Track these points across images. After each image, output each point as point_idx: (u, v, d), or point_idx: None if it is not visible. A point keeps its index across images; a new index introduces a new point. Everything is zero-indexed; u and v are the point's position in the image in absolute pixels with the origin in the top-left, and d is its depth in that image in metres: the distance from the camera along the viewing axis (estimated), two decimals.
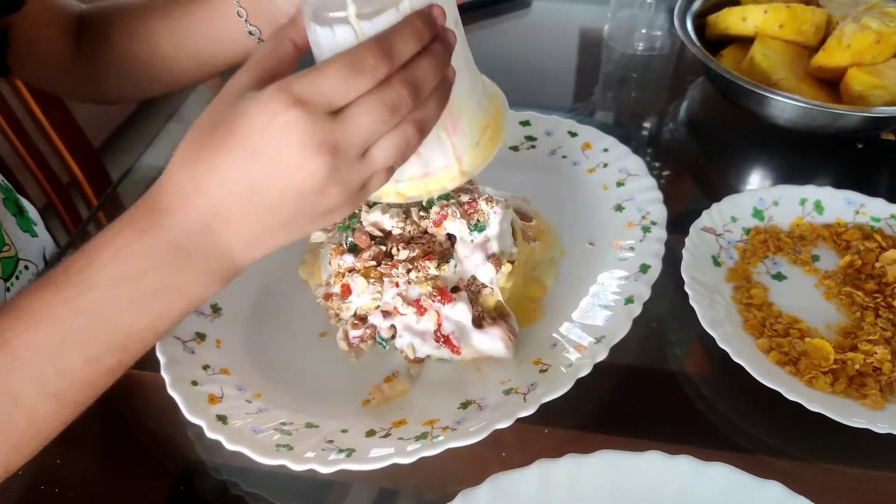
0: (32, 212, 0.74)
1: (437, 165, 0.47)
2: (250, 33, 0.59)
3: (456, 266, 0.58)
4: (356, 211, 0.63)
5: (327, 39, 0.42)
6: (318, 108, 0.36)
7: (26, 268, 0.69)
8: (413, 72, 0.39)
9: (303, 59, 0.43)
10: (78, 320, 0.39)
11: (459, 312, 0.57)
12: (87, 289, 0.39)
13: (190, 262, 0.39)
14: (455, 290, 0.58)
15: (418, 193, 0.49)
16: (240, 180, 0.37)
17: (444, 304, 0.56)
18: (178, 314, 0.42)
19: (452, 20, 0.45)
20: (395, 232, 0.60)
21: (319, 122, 0.36)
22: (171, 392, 0.55)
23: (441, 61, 0.40)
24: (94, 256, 0.39)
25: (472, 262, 0.58)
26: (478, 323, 0.58)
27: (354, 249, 0.59)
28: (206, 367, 0.58)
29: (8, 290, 0.66)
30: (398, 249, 0.58)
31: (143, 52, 0.64)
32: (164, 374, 0.56)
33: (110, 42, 0.66)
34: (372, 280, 0.58)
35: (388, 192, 0.50)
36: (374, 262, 0.58)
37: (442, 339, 0.57)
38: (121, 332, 0.41)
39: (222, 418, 0.54)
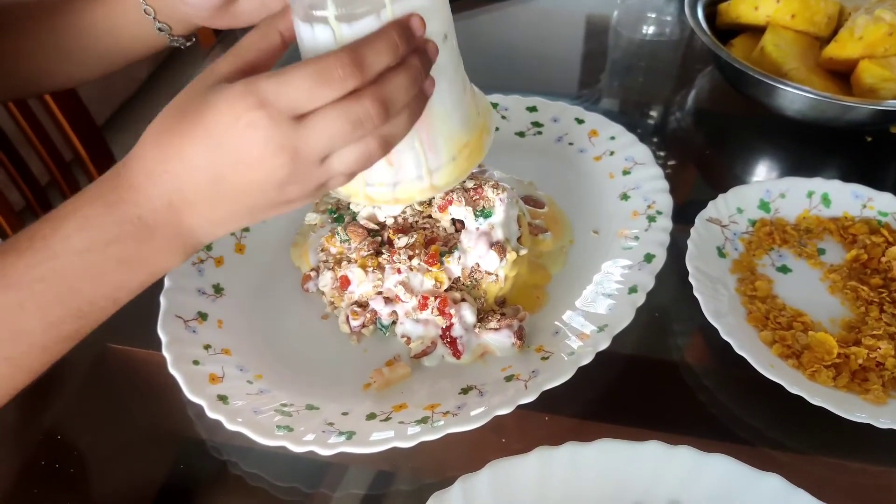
0: None
1: (407, 176, 0.46)
2: (160, 30, 0.57)
3: (460, 258, 0.58)
4: (349, 207, 0.63)
5: (308, 36, 0.42)
6: (281, 112, 0.37)
7: None
8: (384, 87, 0.38)
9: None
10: (39, 286, 0.40)
11: (465, 314, 0.57)
12: (51, 256, 0.40)
13: (154, 237, 0.41)
14: (454, 287, 0.58)
15: (386, 201, 0.49)
16: (204, 169, 0.39)
17: (444, 315, 0.56)
18: (138, 284, 0.43)
19: (441, 34, 0.44)
20: (389, 222, 0.60)
21: (281, 125, 0.37)
22: (172, 371, 0.55)
23: (416, 77, 0.40)
24: (59, 225, 0.40)
25: (476, 251, 0.58)
26: (485, 319, 0.57)
27: (349, 243, 0.59)
28: (207, 347, 0.58)
29: None
30: (397, 238, 0.58)
31: (42, 47, 0.60)
32: (165, 353, 0.56)
33: (4, 37, 0.60)
34: (370, 269, 0.58)
35: (357, 194, 0.49)
36: (371, 252, 0.58)
37: (448, 341, 0.57)
38: (81, 300, 0.41)
39: (223, 398, 0.54)
